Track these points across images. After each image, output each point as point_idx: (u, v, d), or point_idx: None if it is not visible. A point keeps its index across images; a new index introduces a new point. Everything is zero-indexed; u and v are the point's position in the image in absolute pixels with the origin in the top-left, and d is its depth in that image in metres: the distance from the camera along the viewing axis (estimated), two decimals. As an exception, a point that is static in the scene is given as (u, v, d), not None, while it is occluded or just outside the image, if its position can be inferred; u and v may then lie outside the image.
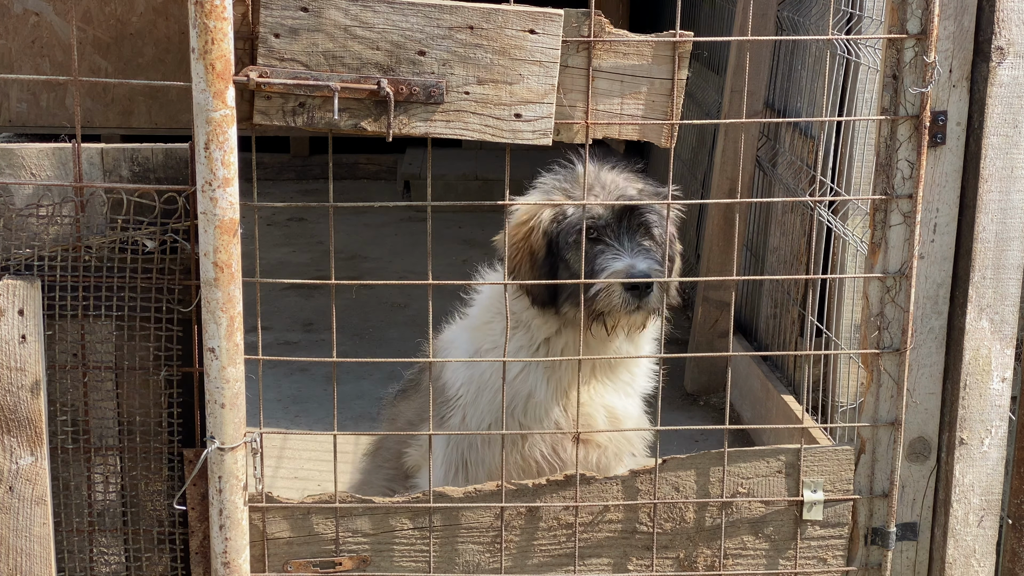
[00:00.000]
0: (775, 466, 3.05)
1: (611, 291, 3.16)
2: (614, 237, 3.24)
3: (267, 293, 6.84)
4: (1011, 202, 2.91)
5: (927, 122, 2.87)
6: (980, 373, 2.99)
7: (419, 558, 3.03)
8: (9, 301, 2.80)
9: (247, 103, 2.74)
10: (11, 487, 2.86)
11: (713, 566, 3.08)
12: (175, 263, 2.88)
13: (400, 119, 2.75)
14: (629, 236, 3.24)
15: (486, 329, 3.44)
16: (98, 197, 2.85)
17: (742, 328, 5.83)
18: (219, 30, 2.59)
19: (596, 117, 2.82)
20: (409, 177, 9.02)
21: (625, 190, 3.31)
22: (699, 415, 5.50)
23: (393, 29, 2.71)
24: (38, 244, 2.86)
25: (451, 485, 3.25)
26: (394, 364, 5.84)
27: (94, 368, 2.92)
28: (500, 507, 3.01)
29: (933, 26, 2.81)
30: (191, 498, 2.95)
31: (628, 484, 3.03)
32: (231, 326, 2.73)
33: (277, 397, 5.51)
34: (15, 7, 9.24)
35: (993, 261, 2.94)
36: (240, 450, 2.80)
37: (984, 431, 3.01)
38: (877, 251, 2.97)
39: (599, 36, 2.77)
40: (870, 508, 3.08)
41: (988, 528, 3.07)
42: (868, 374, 3.03)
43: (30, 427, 2.84)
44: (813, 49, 5.15)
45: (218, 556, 2.85)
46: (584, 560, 3.06)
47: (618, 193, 3.29)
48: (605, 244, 3.23)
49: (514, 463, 3.38)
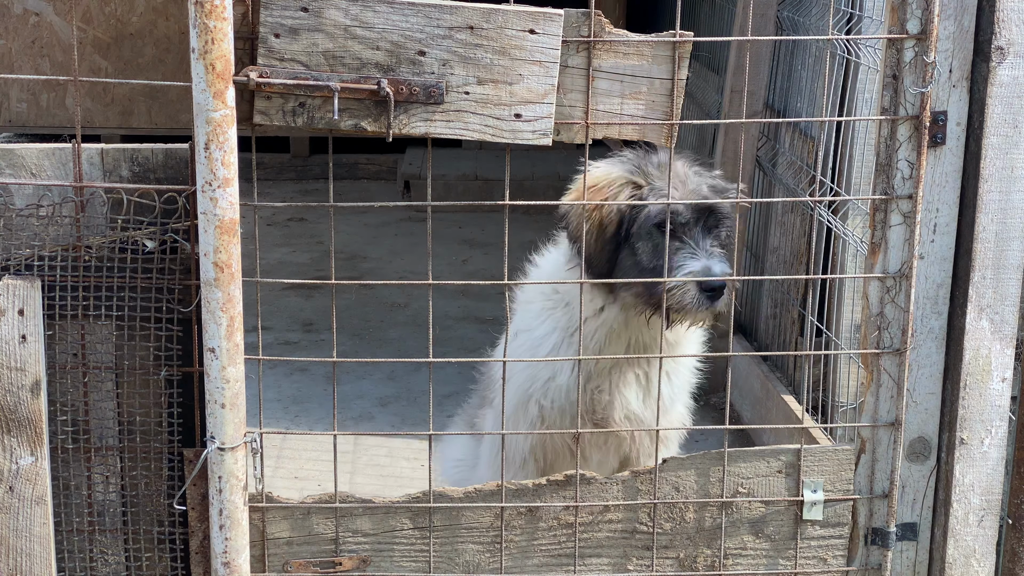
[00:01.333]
0: (775, 466, 3.05)
1: (686, 290, 3.16)
2: (690, 236, 3.23)
3: (267, 293, 6.84)
4: (1011, 202, 2.91)
5: (927, 122, 2.87)
6: (980, 373, 2.99)
7: (419, 558, 3.03)
8: (9, 301, 2.80)
9: (247, 103, 2.74)
10: (11, 487, 2.86)
11: (713, 566, 3.08)
12: (175, 263, 2.88)
13: (400, 119, 2.75)
14: (703, 235, 3.24)
15: (525, 308, 3.49)
16: (98, 197, 2.85)
17: (742, 328, 5.83)
18: (219, 30, 2.59)
19: (596, 117, 2.82)
20: (409, 177, 9.02)
21: (700, 186, 3.30)
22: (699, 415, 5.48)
23: (393, 29, 2.71)
24: (38, 244, 2.86)
25: (496, 460, 3.43)
26: (394, 364, 5.85)
27: (94, 368, 2.92)
28: (500, 507, 3.01)
29: (933, 26, 2.81)
30: (191, 498, 2.95)
31: (628, 484, 3.03)
32: (231, 326, 2.73)
33: (277, 397, 5.51)
34: (15, 7, 9.24)
35: (993, 261, 2.93)
36: (240, 450, 2.80)
37: (984, 431, 3.01)
38: (877, 251, 2.97)
39: (599, 36, 2.77)
40: (870, 508, 3.08)
41: (988, 528, 3.07)
42: (868, 374, 3.03)
43: (30, 427, 2.84)
44: (813, 49, 5.15)
45: (218, 556, 2.85)
46: (584, 560, 3.06)
47: (692, 189, 3.28)
48: (681, 242, 3.22)
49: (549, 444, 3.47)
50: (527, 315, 3.49)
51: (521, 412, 3.44)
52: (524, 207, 3.40)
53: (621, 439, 3.48)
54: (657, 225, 3.22)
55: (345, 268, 7.50)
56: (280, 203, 3.26)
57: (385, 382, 5.69)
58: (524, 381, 3.42)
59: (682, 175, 3.30)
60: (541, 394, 3.41)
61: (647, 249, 3.25)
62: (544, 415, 3.43)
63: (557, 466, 3.50)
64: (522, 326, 3.49)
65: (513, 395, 3.42)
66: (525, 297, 3.55)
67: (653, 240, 3.24)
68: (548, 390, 3.41)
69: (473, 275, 7.23)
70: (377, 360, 3.34)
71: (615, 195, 3.28)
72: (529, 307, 3.51)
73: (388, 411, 5.39)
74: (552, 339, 3.43)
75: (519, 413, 3.44)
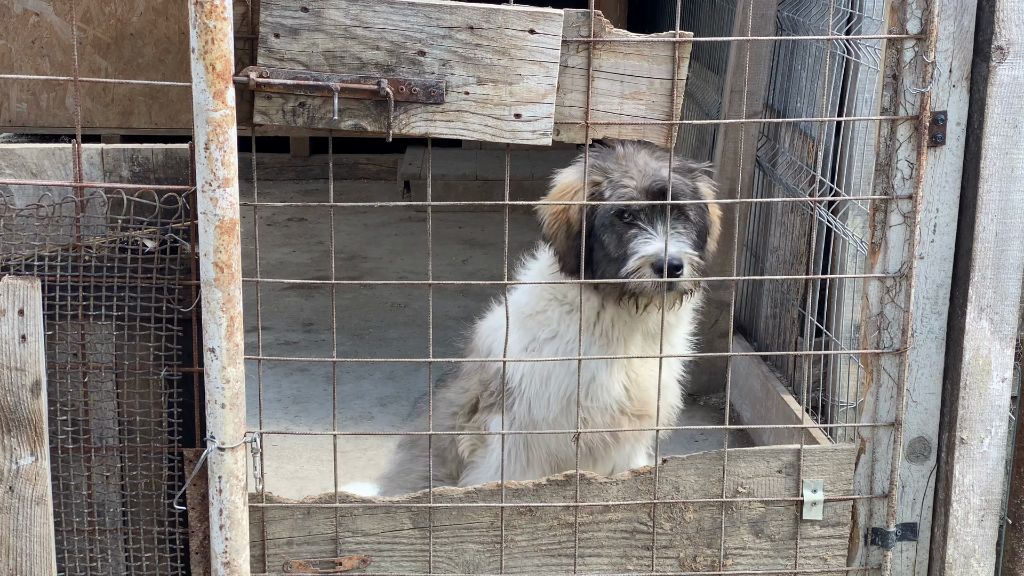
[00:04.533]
0: (775, 466, 3.05)
1: (641, 274, 3.24)
2: (647, 221, 3.30)
3: (267, 293, 6.84)
4: (1011, 202, 2.91)
5: (927, 122, 2.87)
6: (980, 373, 2.99)
7: (419, 558, 3.03)
8: (9, 301, 2.80)
9: (247, 103, 2.74)
10: (11, 487, 2.86)
11: (713, 566, 3.08)
12: (175, 263, 2.88)
13: (400, 119, 2.75)
14: (662, 218, 3.29)
15: (540, 318, 3.52)
16: (98, 197, 2.85)
17: (742, 328, 5.82)
18: (219, 30, 2.59)
19: (596, 117, 2.82)
20: (409, 177, 9.02)
21: (659, 172, 3.36)
22: (699, 415, 5.50)
23: (393, 29, 2.71)
24: (38, 244, 2.86)
25: (513, 465, 3.50)
26: (394, 364, 5.85)
27: (94, 368, 2.92)
28: (500, 507, 3.01)
29: (933, 26, 2.81)
30: (191, 498, 2.95)
31: (628, 484, 3.03)
32: (231, 326, 2.74)
33: (277, 397, 5.51)
34: (15, 7, 9.24)
35: (993, 261, 2.94)
36: (240, 450, 2.80)
37: (984, 431, 3.02)
38: (877, 251, 2.97)
39: (599, 36, 2.77)
40: (870, 508, 3.08)
41: (988, 528, 3.07)
42: (868, 374, 3.03)
43: (30, 427, 2.84)
44: (813, 49, 5.15)
45: (218, 556, 2.85)
46: (584, 560, 3.06)
47: (653, 176, 3.35)
48: (639, 228, 3.30)
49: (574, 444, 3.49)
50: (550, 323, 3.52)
51: (563, 418, 3.47)
52: (524, 207, 3.42)
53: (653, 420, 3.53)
54: (617, 215, 3.30)
55: (345, 268, 7.50)
56: (280, 203, 3.26)
57: (385, 382, 5.69)
58: (571, 386, 3.44)
59: (641, 164, 3.38)
60: (584, 395, 3.44)
61: (612, 240, 3.33)
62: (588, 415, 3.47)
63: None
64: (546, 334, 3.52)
65: (557, 401, 3.47)
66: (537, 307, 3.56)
67: (616, 230, 3.31)
68: (590, 390, 3.45)
69: (473, 275, 7.23)
70: (377, 360, 3.34)
71: (577, 196, 3.39)
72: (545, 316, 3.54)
73: (388, 411, 5.39)
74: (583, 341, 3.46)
75: (561, 419, 3.47)
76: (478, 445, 3.69)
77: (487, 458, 3.64)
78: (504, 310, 3.30)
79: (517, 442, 3.57)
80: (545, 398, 3.48)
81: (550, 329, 3.51)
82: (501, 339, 3.55)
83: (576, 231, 3.37)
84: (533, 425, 3.49)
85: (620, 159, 3.38)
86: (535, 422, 3.49)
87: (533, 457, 3.56)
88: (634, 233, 3.30)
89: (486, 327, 3.72)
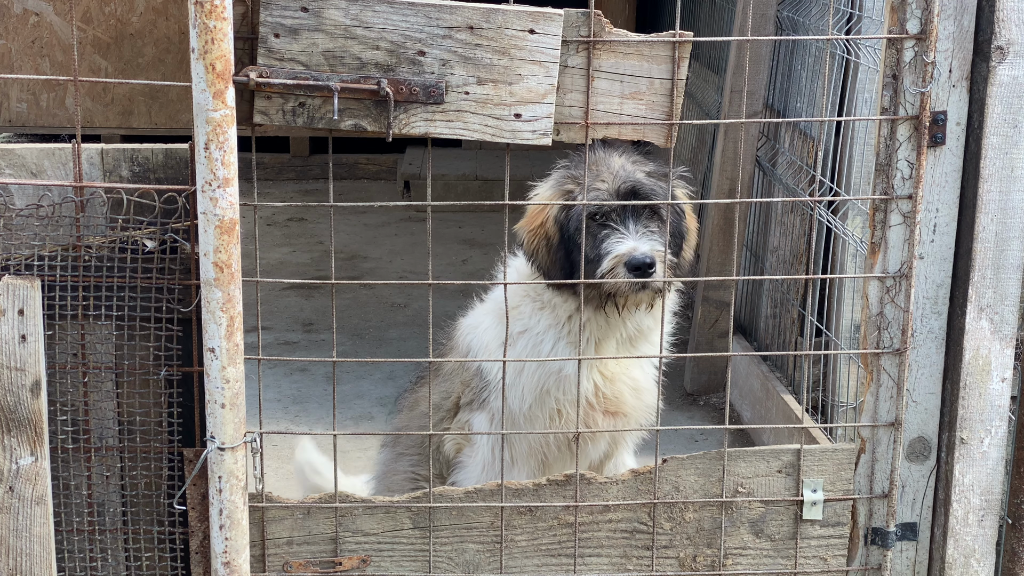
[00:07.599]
0: (775, 466, 3.05)
1: (616, 274, 3.30)
2: (620, 221, 3.36)
3: (267, 293, 6.84)
4: (1011, 202, 2.91)
5: (927, 122, 2.87)
6: (980, 373, 2.99)
7: (419, 557, 3.03)
8: (9, 301, 2.80)
9: (247, 103, 2.74)
10: (11, 487, 2.86)
11: (713, 566, 3.08)
12: (175, 263, 2.88)
13: (400, 119, 2.75)
14: (635, 219, 3.35)
15: (514, 313, 3.56)
16: (98, 197, 2.85)
17: (742, 328, 5.83)
18: (219, 30, 2.59)
19: (596, 117, 2.82)
20: (409, 177, 9.02)
21: (632, 174, 3.42)
22: (699, 415, 5.50)
23: (393, 29, 2.71)
24: (38, 244, 2.86)
25: (497, 461, 3.54)
26: (394, 364, 5.85)
27: (94, 368, 2.92)
28: (500, 507, 3.01)
29: (933, 26, 2.81)
30: (191, 498, 2.95)
31: (628, 484, 3.03)
32: (231, 326, 2.74)
33: (277, 397, 5.51)
34: (15, 7, 9.24)
35: (993, 261, 2.94)
36: (240, 450, 2.80)
37: (984, 431, 3.02)
38: (877, 251, 2.97)
39: (599, 36, 2.77)
40: (870, 508, 3.08)
41: (988, 528, 3.07)
42: (868, 374, 3.03)
43: (30, 427, 2.84)
44: (813, 49, 5.15)
45: (218, 556, 2.85)
46: (584, 560, 3.06)
47: (625, 177, 3.40)
48: (611, 228, 3.36)
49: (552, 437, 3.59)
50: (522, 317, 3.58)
51: (537, 408, 3.55)
52: (524, 207, 3.44)
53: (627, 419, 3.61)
54: (590, 216, 3.35)
55: (345, 268, 7.50)
56: (280, 203, 3.27)
57: (385, 382, 5.69)
58: (542, 377, 3.53)
59: (614, 168, 3.43)
60: (555, 386, 3.52)
61: (588, 242, 3.37)
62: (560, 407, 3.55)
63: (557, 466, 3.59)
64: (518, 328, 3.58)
65: (530, 392, 3.54)
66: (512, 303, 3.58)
67: (590, 231, 3.36)
68: (560, 382, 3.51)
69: (473, 275, 7.23)
70: (377, 360, 3.34)
71: (550, 208, 3.46)
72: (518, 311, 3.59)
73: (388, 411, 5.39)
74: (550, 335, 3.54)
75: (536, 409, 3.55)
76: (463, 444, 3.73)
77: (474, 456, 3.69)
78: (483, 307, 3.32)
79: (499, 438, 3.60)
80: (519, 388, 3.54)
81: (521, 323, 3.57)
82: (480, 336, 3.66)
83: (556, 243, 3.45)
84: (510, 416, 3.55)
85: (592, 164, 3.42)
86: (511, 412, 3.55)
87: (516, 452, 3.62)
88: (607, 234, 3.35)
89: (466, 324, 3.78)
